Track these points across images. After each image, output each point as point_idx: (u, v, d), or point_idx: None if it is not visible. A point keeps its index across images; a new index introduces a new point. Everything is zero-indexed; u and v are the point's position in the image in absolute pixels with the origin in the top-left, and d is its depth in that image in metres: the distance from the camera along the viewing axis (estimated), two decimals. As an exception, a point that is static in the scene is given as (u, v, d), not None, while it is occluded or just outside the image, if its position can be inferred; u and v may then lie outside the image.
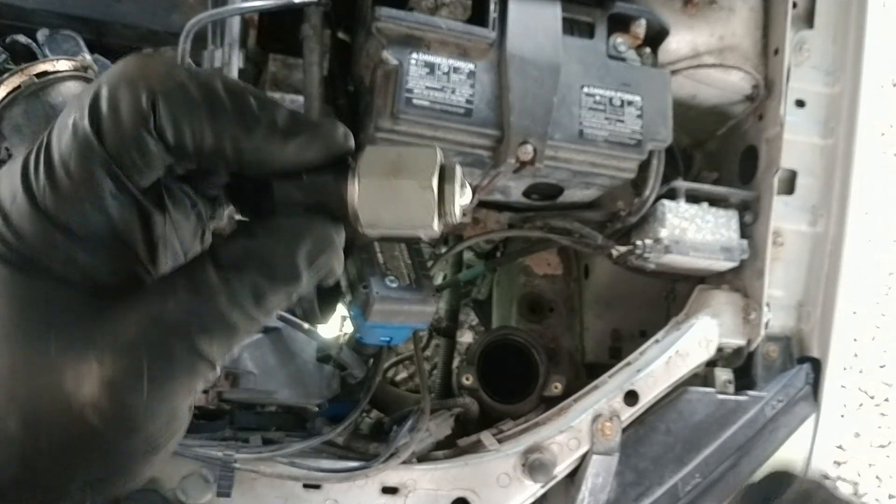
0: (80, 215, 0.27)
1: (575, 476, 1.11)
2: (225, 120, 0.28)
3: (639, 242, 1.18)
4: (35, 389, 0.27)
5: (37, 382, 0.27)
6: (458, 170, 0.31)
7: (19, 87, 0.83)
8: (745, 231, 1.21)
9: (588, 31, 1.11)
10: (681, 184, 1.20)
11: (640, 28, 1.14)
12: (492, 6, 1.03)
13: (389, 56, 0.98)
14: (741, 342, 1.22)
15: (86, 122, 0.27)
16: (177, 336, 0.27)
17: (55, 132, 0.28)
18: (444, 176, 0.30)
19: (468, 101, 1.00)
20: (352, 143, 0.31)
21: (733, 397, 1.19)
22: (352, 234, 0.31)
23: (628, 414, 1.13)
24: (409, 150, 0.30)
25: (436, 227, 0.30)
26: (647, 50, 1.18)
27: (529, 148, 1.02)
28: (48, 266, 0.27)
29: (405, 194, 0.29)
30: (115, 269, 0.28)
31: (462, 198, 0.31)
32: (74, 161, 0.27)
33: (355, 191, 0.30)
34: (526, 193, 1.18)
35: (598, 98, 1.06)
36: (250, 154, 0.28)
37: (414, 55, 0.99)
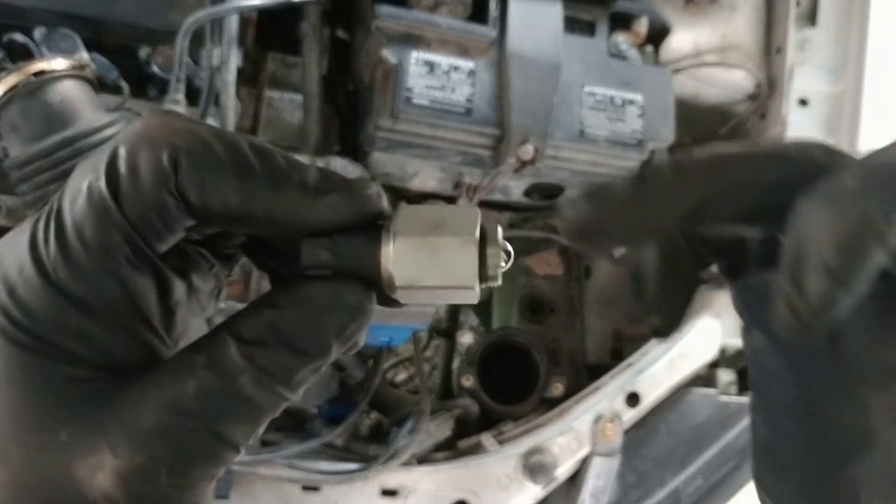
0: (95, 286, 0.25)
1: (576, 478, 1.11)
2: (252, 178, 0.26)
3: (640, 242, 1.17)
4: (47, 480, 0.25)
5: (48, 472, 0.25)
6: (499, 230, 0.29)
7: (16, 86, 0.82)
8: (748, 231, 1.21)
9: (589, 30, 1.10)
10: (682, 183, 1.20)
11: (642, 26, 1.14)
12: (492, 4, 1.02)
13: (389, 55, 0.97)
14: (743, 343, 1.21)
15: (102, 183, 0.25)
16: (197, 421, 0.25)
17: (67, 196, 0.26)
18: (486, 236, 0.28)
19: (468, 100, 1.00)
20: (385, 203, 0.28)
21: (736, 399, 1.18)
22: (386, 303, 0.29)
23: (630, 415, 1.12)
24: (449, 209, 0.28)
25: (477, 289, 0.28)
26: (649, 48, 1.17)
27: (530, 147, 1.01)
28: (59, 344, 0.25)
29: (444, 252, 0.27)
30: (130, 342, 0.26)
31: (503, 260, 0.29)
32: (90, 227, 0.25)
33: (390, 251, 0.27)
34: (526, 193, 1.17)
35: (599, 97, 1.05)
36: (280, 214, 0.26)
37: (414, 54, 0.98)
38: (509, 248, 0.29)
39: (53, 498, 0.25)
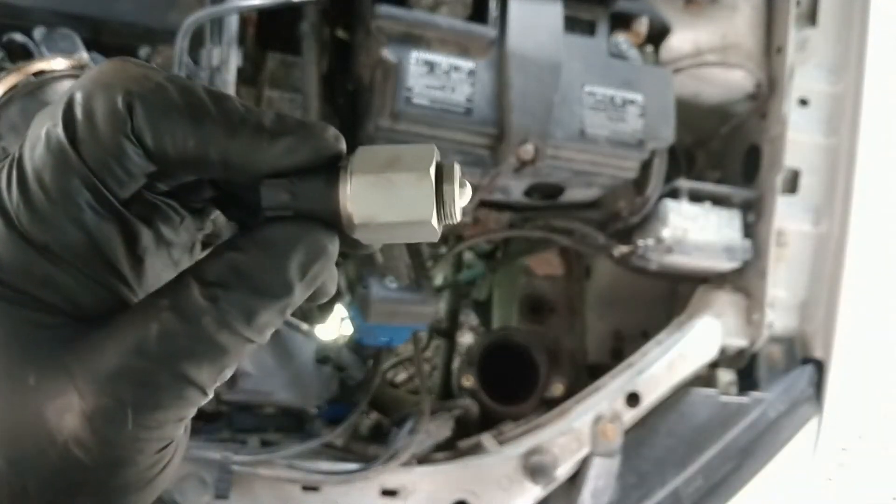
0: (58, 232, 0.25)
1: (576, 478, 1.11)
2: (208, 121, 0.26)
3: (641, 242, 1.17)
4: (18, 424, 0.25)
5: (19, 416, 0.25)
6: (457, 168, 0.29)
7: (16, 86, 0.82)
8: (748, 231, 1.21)
9: (589, 29, 1.10)
10: (683, 183, 1.20)
11: (642, 26, 1.14)
12: (492, 4, 1.02)
13: (389, 54, 0.97)
14: (744, 343, 1.21)
15: (59, 129, 0.25)
16: (161, 363, 0.25)
17: (27, 144, 0.26)
18: (443, 173, 0.28)
19: (468, 100, 0.99)
20: (343, 144, 0.28)
21: (736, 399, 1.18)
22: (349, 245, 0.29)
23: (630, 416, 1.12)
24: (404, 147, 0.28)
25: (435, 223, 0.27)
26: (649, 48, 1.17)
27: (530, 147, 1.01)
28: (25, 290, 0.25)
29: (401, 188, 0.27)
30: (97, 289, 0.26)
31: (462, 198, 0.29)
32: (49, 173, 0.25)
33: (347, 190, 0.27)
34: (527, 193, 1.17)
35: (599, 97, 1.05)
36: (236, 157, 0.26)
37: (414, 53, 0.98)
38: (467, 185, 0.29)
39: (24, 442, 0.25)
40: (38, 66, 0.83)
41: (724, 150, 1.36)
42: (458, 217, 0.28)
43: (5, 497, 0.26)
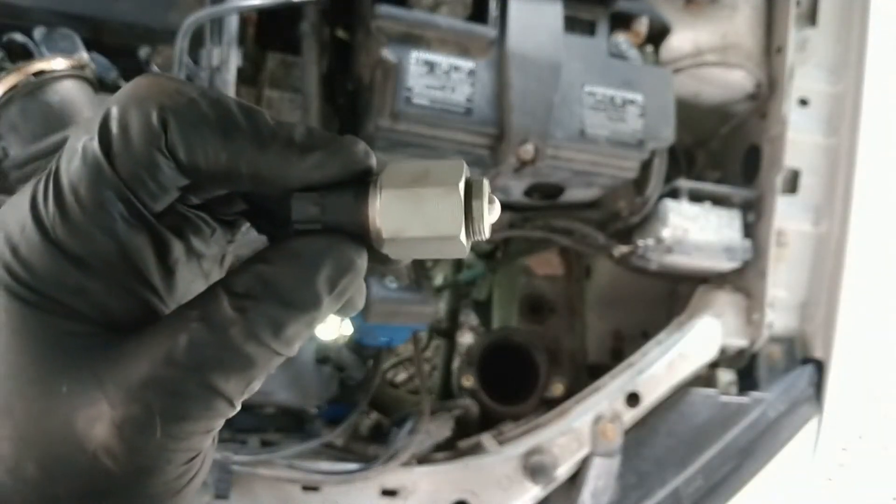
0: (91, 243, 0.26)
1: (576, 478, 1.11)
2: (239, 136, 0.26)
3: (641, 242, 1.17)
4: (49, 431, 0.26)
5: (51, 424, 0.26)
6: (486, 184, 0.29)
7: (16, 86, 0.82)
8: (748, 231, 1.21)
9: (589, 29, 1.10)
10: (683, 183, 1.20)
11: (642, 26, 1.14)
12: (492, 4, 1.02)
13: (389, 54, 0.97)
14: (744, 343, 1.21)
15: (95, 143, 0.26)
16: (189, 373, 0.25)
17: (64, 157, 0.27)
18: (472, 189, 0.28)
19: (468, 100, 0.99)
20: (373, 160, 0.29)
21: (736, 399, 1.18)
22: (378, 259, 0.29)
23: (630, 416, 1.12)
24: (433, 162, 0.28)
25: (463, 239, 0.27)
26: (650, 48, 1.17)
27: (530, 147, 1.01)
28: (59, 299, 0.26)
29: (429, 202, 0.27)
30: (128, 300, 0.27)
31: (491, 214, 0.29)
32: (84, 186, 0.26)
33: (377, 204, 0.28)
34: (527, 193, 1.17)
35: (599, 97, 1.05)
36: (266, 171, 0.27)
37: (414, 53, 0.98)
38: (496, 201, 0.29)
39: (55, 450, 0.25)
40: (38, 66, 0.83)
41: (724, 150, 1.36)
42: (486, 233, 0.28)
43: (37, 503, 0.26)
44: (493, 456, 1.07)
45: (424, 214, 0.27)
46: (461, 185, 0.28)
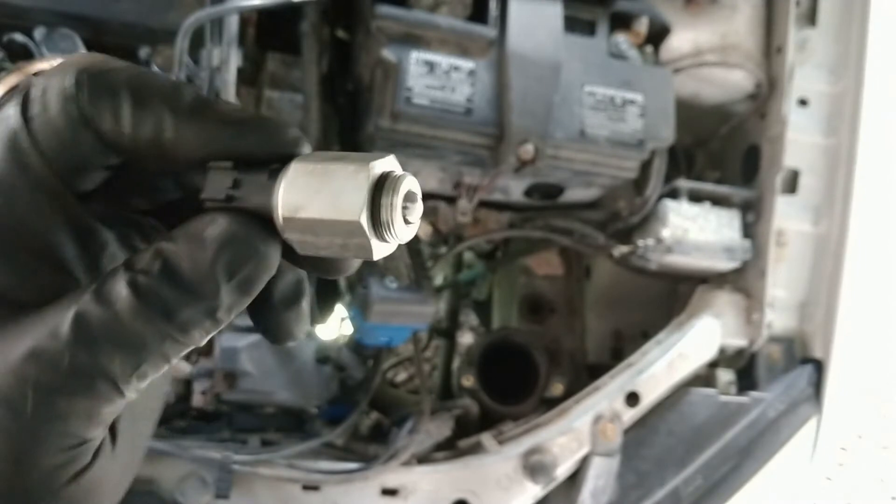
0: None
1: (576, 478, 1.11)
2: (156, 100, 0.25)
3: (640, 242, 1.17)
4: None
5: None
6: (410, 180, 0.25)
7: (16, 86, 0.82)
8: (748, 231, 1.21)
9: (589, 29, 1.10)
10: (683, 183, 1.20)
11: (642, 26, 1.14)
12: (492, 4, 1.02)
13: (389, 54, 0.97)
14: (743, 343, 1.21)
15: (16, 108, 0.25)
16: (71, 347, 0.23)
17: None
18: (388, 180, 0.25)
19: (468, 100, 0.99)
20: (304, 147, 0.26)
21: (735, 399, 1.18)
22: (289, 253, 0.26)
23: (630, 415, 1.12)
24: (364, 154, 0.26)
25: (365, 225, 0.24)
26: (649, 48, 1.17)
27: (530, 147, 1.01)
28: None
29: (335, 180, 0.24)
30: (37, 282, 0.25)
31: (409, 213, 0.25)
32: (0, 151, 0.25)
33: (283, 179, 0.25)
34: (527, 193, 1.17)
35: (599, 97, 1.05)
36: (184, 137, 0.25)
37: (414, 54, 0.98)
38: (419, 202, 0.26)
39: None
40: (39, 66, 0.83)
41: (723, 150, 1.36)
42: (401, 235, 0.25)
43: None
44: (493, 455, 1.08)
45: (327, 193, 0.24)
46: (375, 168, 0.25)
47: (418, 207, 0.26)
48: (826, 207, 1.24)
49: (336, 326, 1.19)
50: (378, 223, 0.25)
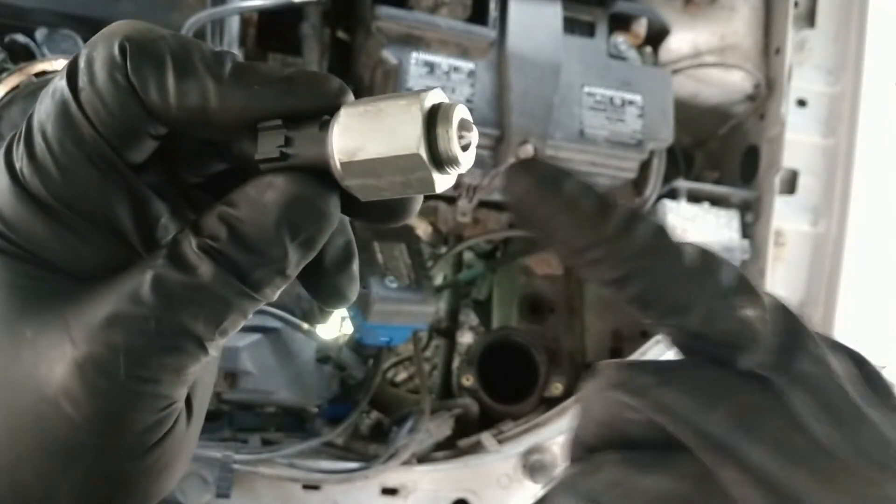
0: (58, 185, 0.25)
1: (575, 477, 1.11)
2: (201, 70, 0.25)
3: (640, 242, 1.18)
4: (13, 381, 0.24)
5: (15, 373, 0.24)
6: (460, 108, 0.25)
7: (18, 86, 0.83)
8: (747, 231, 1.21)
9: (589, 30, 1.10)
10: (682, 184, 1.20)
11: (641, 27, 1.14)
12: (492, 5, 1.03)
13: (389, 55, 0.98)
14: (742, 343, 1.22)
15: (63, 81, 0.25)
16: (155, 309, 0.24)
17: (38, 101, 0.26)
18: (440, 110, 0.25)
19: (468, 101, 1.00)
20: (349, 96, 0.27)
21: (734, 398, 1.18)
22: (350, 204, 0.27)
23: (629, 415, 1.12)
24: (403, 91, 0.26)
25: (424, 155, 0.24)
26: (648, 49, 1.18)
27: (530, 147, 1.01)
28: (28, 246, 0.25)
29: (387, 116, 0.24)
30: (100, 250, 0.26)
31: (466, 139, 0.25)
32: (51, 123, 0.25)
33: (335, 126, 0.25)
34: (526, 193, 1.17)
35: (598, 97, 1.06)
36: (231, 101, 0.25)
37: (414, 54, 0.98)
38: (474, 129, 0.26)
39: (18, 402, 0.24)
40: (40, 66, 0.83)
41: (722, 150, 1.36)
42: (462, 162, 0.25)
43: (4, 474, 0.25)
44: (493, 455, 1.08)
45: (381, 131, 0.24)
46: (426, 100, 0.25)
47: (474, 135, 0.26)
48: (825, 208, 1.25)
49: (336, 326, 1.19)
50: (436, 154, 0.25)
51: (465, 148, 0.25)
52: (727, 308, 0.23)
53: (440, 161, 0.25)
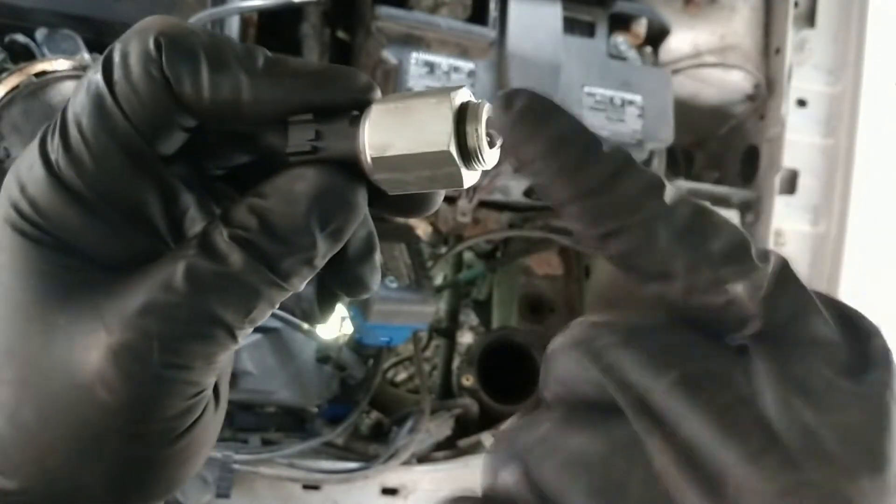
0: (92, 178, 0.25)
1: (575, 477, 1.11)
2: (233, 64, 0.26)
3: (640, 242, 1.18)
4: (47, 368, 0.25)
5: (48, 360, 0.25)
6: (488, 107, 0.26)
7: (18, 86, 0.83)
8: (747, 231, 1.21)
9: (589, 31, 1.11)
10: (682, 184, 1.20)
11: (641, 27, 1.14)
12: (492, 5, 1.03)
13: (389, 55, 0.98)
14: (742, 343, 1.22)
15: (98, 75, 0.26)
16: (187, 298, 0.25)
17: (73, 94, 0.26)
18: (469, 109, 0.26)
19: (468, 101, 1.00)
20: (376, 92, 0.27)
21: (734, 398, 1.18)
22: (374, 194, 0.27)
23: (629, 415, 1.13)
24: (436, 88, 0.27)
25: (454, 153, 0.25)
26: (648, 49, 1.18)
27: (530, 147, 1.01)
28: (62, 236, 0.26)
29: (417, 113, 0.25)
30: (131, 242, 0.26)
31: (486, 136, 0.26)
32: (86, 115, 0.25)
33: (366, 122, 0.26)
34: (526, 193, 1.17)
35: (598, 98, 1.06)
36: (264, 94, 0.26)
37: (414, 54, 0.98)
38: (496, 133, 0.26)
39: (52, 388, 0.25)
40: (40, 66, 0.83)
41: (722, 150, 1.36)
42: (488, 160, 0.26)
43: (34, 457, 0.25)
44: (493, 455, 1.08)
45: (411, 126, 0.25)
46: (455, 98, 0.26)
47: (499, 138, 0.27)
48: (825, 208, 1.25)
49: (336, 326, 1.19)
50: (465, 151, 0.25)
51: (491, 145, 0.26)
52: (714, 280, 0.22)
53: (468, 158, 0.26)
